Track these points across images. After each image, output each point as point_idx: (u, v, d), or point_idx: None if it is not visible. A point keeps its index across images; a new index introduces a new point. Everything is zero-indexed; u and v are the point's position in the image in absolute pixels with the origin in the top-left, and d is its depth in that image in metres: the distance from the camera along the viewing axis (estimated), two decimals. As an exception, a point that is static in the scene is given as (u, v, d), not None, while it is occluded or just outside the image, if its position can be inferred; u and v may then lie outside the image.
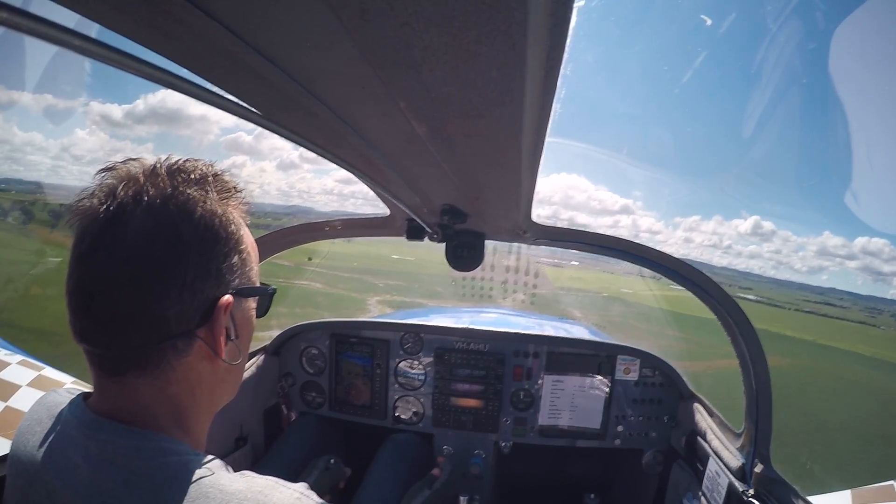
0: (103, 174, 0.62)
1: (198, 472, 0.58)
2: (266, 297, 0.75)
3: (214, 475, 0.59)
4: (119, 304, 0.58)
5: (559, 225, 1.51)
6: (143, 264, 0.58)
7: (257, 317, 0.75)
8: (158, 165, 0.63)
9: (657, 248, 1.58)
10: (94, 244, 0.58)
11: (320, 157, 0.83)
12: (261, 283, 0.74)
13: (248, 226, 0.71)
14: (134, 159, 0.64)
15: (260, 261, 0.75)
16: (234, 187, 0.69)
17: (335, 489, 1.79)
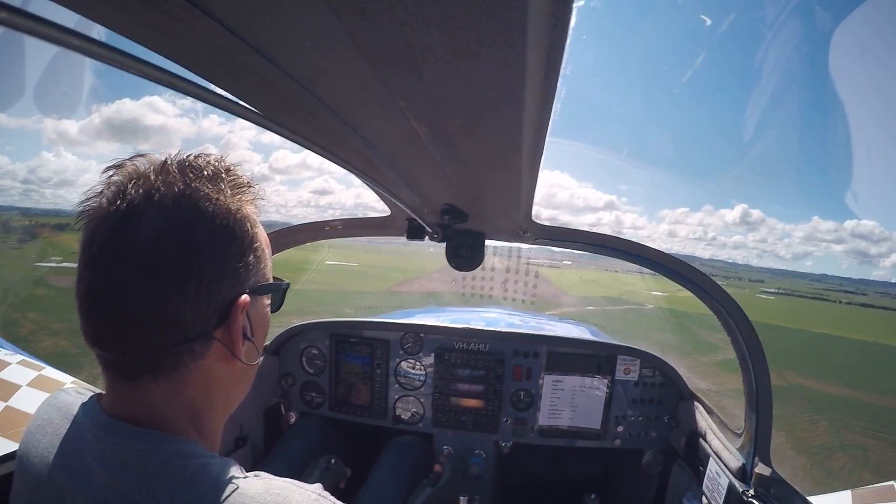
0: (111, 172, 0.60)
1: (216, 476, 0.58)
2: (280, 292, 0.74)
3: (233, 478, 0.58)
4: (133, 308, 0.56)
5: (560, 225, 1.51)
6: (156, 266, 0.56)
7: (272, 312, 0.74)
8: (169, 161, 0.61)
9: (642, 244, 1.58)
10: (105, 247, 0.56)
11: (291, 168, 0.83)
12: (274, 278, 0.73)
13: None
14: (141, 156, 0.62)
15: None
16: (248, 182, 0.67)
17: (336, 489, 1.80)
